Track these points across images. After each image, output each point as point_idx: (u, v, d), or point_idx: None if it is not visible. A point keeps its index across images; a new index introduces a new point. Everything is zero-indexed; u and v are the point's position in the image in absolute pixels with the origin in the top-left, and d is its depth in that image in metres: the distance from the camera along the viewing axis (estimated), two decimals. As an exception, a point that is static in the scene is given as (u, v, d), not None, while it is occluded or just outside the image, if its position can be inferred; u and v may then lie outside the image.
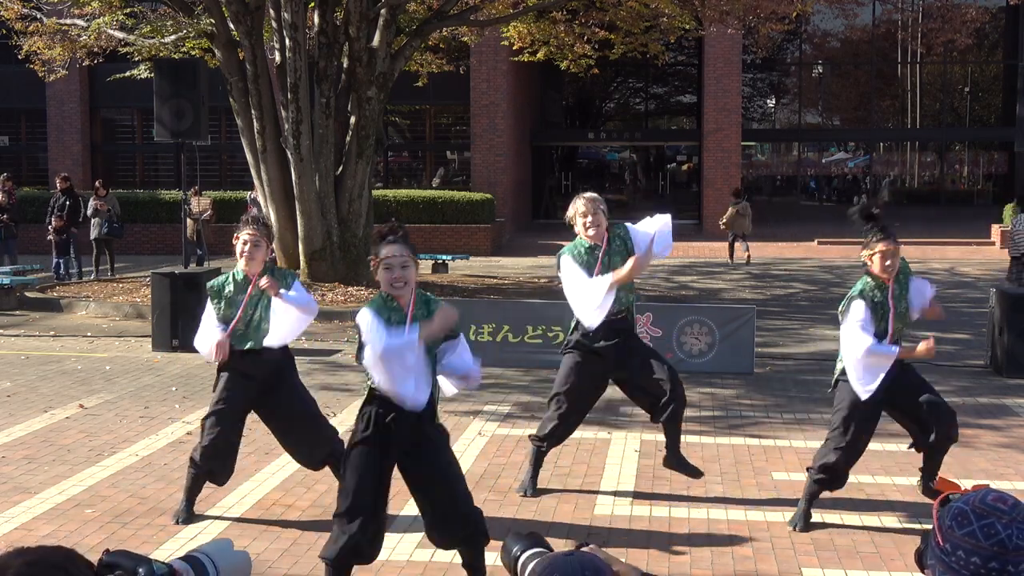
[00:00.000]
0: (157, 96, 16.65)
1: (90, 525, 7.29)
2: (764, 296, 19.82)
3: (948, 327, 16.06)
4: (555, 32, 22.12)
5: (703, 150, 35.22)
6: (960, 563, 2.34)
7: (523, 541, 2.79)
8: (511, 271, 23.14)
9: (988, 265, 25.41)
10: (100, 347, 14.43)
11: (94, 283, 20.29)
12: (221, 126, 32.23)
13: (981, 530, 2.32)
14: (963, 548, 2.34)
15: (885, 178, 41.39)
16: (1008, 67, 38.91)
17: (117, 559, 2.35)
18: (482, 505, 7.72)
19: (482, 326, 13.14)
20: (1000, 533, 2.31)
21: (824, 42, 41.45)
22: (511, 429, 9.94)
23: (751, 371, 12.63)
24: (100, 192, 22.33)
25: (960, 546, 2.34)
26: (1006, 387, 11.89)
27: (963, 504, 2.38)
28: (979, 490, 2.41)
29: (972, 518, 2.34)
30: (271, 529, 7.28)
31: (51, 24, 21.42)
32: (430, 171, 36.87)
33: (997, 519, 2.32)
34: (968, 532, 2.33)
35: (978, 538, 2.32)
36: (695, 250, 28.93)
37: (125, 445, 9.36)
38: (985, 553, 2.31)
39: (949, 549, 2.36)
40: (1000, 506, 2.34)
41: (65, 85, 31.74)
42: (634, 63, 34.36)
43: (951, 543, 2.36)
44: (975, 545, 2.32)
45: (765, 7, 19.82)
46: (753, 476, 8.52)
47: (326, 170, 18.47)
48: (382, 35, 18.63)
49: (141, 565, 2.37)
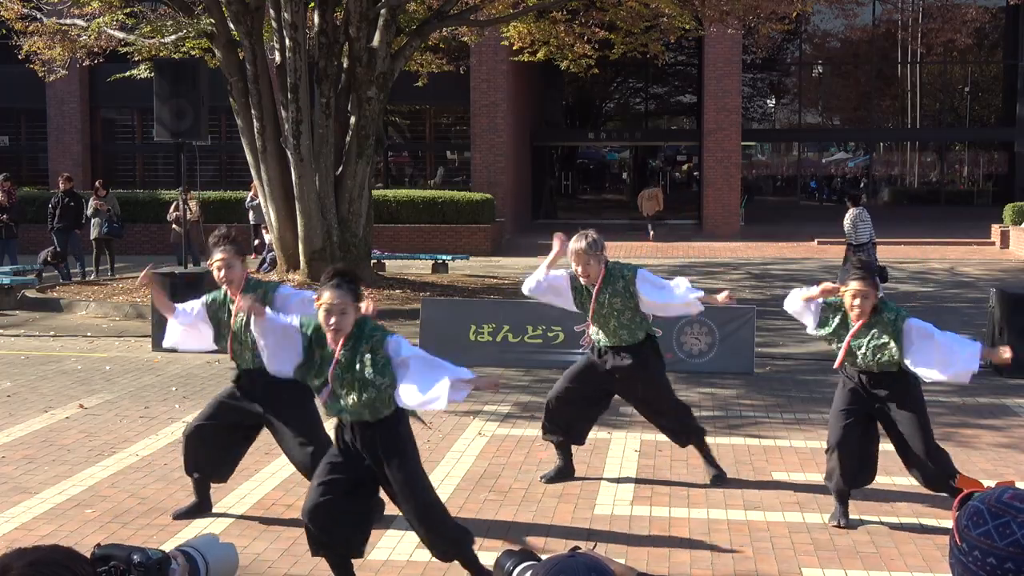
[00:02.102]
0: (157, 96, 16.64)
1: (90, 525, 7.29)
2: (764, 296, 19.82)
3: (948, 327, 16.04)
4: (555, 32, 22.11)
5: (703, 150, 35.22)
6: (977, 563, 2.29)
7: (515, 556, 2.80)
8: (511, 271, 23.14)
9: (988, 265, 25.40)
10: (100, 347, 14.43)
11: (94, 283, 20.29)
12: (221, 126, 32.24)
13: (996, 530, 2.27)
14: (979, 548, 2.28)
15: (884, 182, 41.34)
16: (1008, 67, 38.93)
17: (109, 551, 2.35)
18: (482, 505, 7.75)
19: (482, 326, 13.14)
20: (1016, 533, 2.25)
21: (824, 42, 41.47)
22: (511, 429, 9.94)
23: (751, 371, 12.63)
24: (100, 192, 22.34)
25: (976, 546, 2.29)
26: (1006, 387, 11.88)
27: (979, 503, 2.32)
28: (997, 488, 2.36)
29: (987, 517, 2.29)
30: (271, 529, 7.28)
31: (51, 24, 21.40)
32: (430, 171, 36.88)
33: (1013, 518, 2.27)
34: (983, 532, 2.28)
35: (993, 538, 2.27)
36: (695, 250, 28.94)
37: (125, 445, 9.36)
38: (1001, 554, 2.25)
39: (966, 549, 2.31)
40: (1017, 504, 2.28)
41: (65, 85, 31.74)
42: (634, 63, 34.37)
43: (968, 543, 2.31)
44: (991, 545, 2.27)
45: (765, 7, 19.80)
46: (753, 476, 8.52)
47: (326, 170, 18.46)
48: (382, 35, 18.62)
49: (135, 552, 2.37)
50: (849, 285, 7.06)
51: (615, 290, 7.85)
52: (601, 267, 7.87)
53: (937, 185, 41.00)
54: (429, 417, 7.42)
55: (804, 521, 7.45)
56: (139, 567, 2.35)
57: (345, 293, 5.78)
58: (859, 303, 7.03)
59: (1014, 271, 23.90)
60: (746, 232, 33.04)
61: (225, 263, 7.25)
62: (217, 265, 7.26)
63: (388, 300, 17.41)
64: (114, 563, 2.33)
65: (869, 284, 7.02)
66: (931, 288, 21.45)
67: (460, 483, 8.27)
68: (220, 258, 7.26)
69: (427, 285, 20.09)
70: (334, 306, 5.78)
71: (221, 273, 7.27)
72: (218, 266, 7.26)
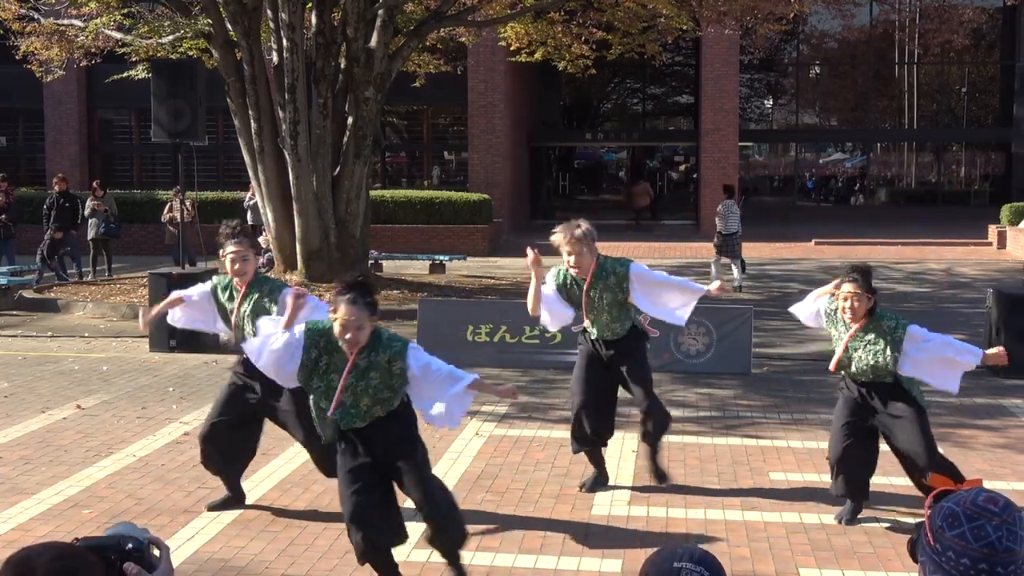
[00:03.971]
0: (154, 96, 16.61)
1: (87, 526, 7.29)
2: (761, 296, 19.83)
3: (945, 327, 16.05)
4: (553, 32, 22.11)
5: (700, 150, 35.24)
6: (950, 563, 2.33)
7: None
8: (508, 271, 23.14)
9: (985, 265, 25.41)
10: (97, 347, 14.42)
11: (91, 284, 20.28)
12: (218, 126, 32.22)
13: (971, 532, 2.31)
14: (953, 549, 2.33)
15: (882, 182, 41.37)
16: (1005, 67, 38.96)
17: (97, 543, 2.34)
18: (479, 505, 7.75)
19: (479, 327, 13.14)
20: (990, 535, 2.30)
21: (821, 43, 41.50)
22: (508, 430, 9.94)
23: (748, 371, 12.63)
24: (98, 192, 22.32)
25: (950, 547, 2.33)
26: (1003, 388, 11.89)
27: (954, 505, 2.36)
28: (971, 490, 2.40)
29: (963, 519, 2.33)
30: (269, 529, 7.28)
31: (48, 24, 21.38)
32: (427, 172, 36.88)
33: (987, 521, 2.31)
34: (958, 534, 2.32)
35: (968, 540, 2.31)
36: (692, 250, 28.94)
37: (122, 446, 9.36)
38: (974, 555, 2.30)
39: (940, 549, 2.35)
40: (991, 507, 2.33)
41: (62, 85, 31.72)
42: (632, 64, 34.38)
43: (941, 543, 2.35)
44: (965, 547, 2.31)
45: (763, 8, 19.80)
46: (750, 476, 8.52)
47: (323, 170, 18.45)
48: (379, 35, 18.62)
49: (121, 539, 2.37)
50: (842, 288, 7.12)
51: (606, 285, 7.79)
52: (593, 260, 7.77)
53: (934, 185, 41.02)
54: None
55: (801, 521, 7.46)
56: (136, 552, 2.35)
57: (361, 309, 5.76)
58: (851, 305, 7.08)
59: (1011, 271, 23.91)
60: (743, 233, 32.97)
61: (240, 256, 7.34)
62: (231, 257, 7.34)
63: (386, 301, 17.40)
64: (110, 554, 2.32)
65: (861, 287, 7.06)
66: (928, 288, 21.46)
67: (458, 483, 8.27)
68: (234, 250, 7.34)
69: (424, 285, 20.09)
70: (350, 322, 5.76)
71: (235, 266, 7.35)
72: (232, 258, 7.34)
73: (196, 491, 8.07)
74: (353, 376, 5.86)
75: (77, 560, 2.20)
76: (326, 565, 6.63)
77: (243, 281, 7.38)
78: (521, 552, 6.85)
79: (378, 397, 5.92)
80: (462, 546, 6.30)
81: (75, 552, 2.22)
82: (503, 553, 6.84)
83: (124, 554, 2.33)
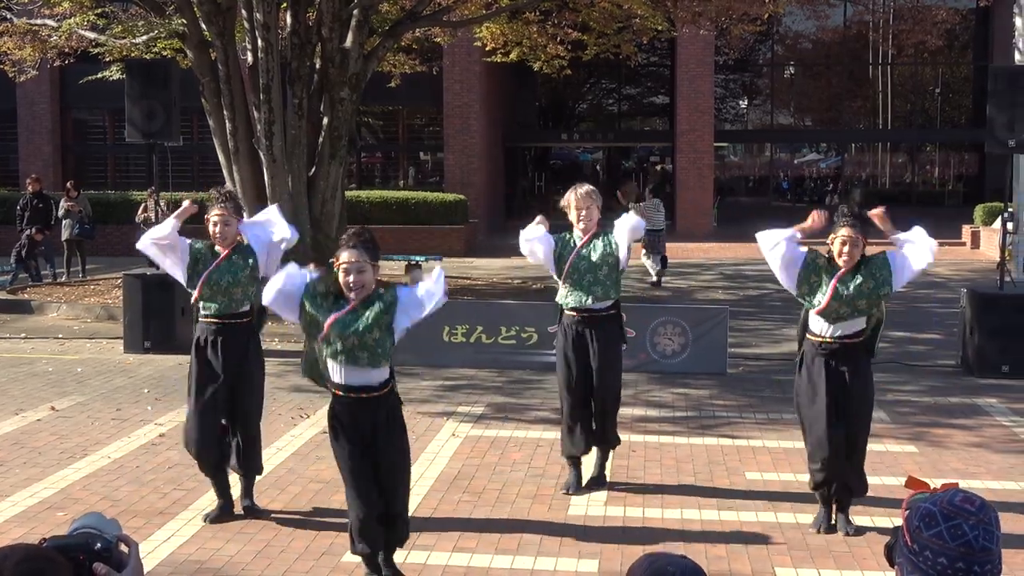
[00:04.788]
0: (128, 97, 16.51)
1: (62, 528, 7.19)
2: (737, 297, 19.89)
3: (919, 327, 16.16)
4: (528, 33, 22.11)
5: (676, 151, 35.30)
6: (927, 563, 2.36)
7: None
8: (484, 272, 23.12)
9: (959, 265, 25.54)
10: (71, 349, 14.35)
11: (65, 285, 20.17)
12: (193, 127, 32.07)
13: (948, 531, 2.34)
14: (930, 548, 2.36)
15: (856, 183, 41.51)
16: (978, 68, 39.14)
17: (63, 542, 2.32)
18: (456, 506, 7.75)
19: (456, 327, 13.13)
20: (967, 535, 2.33)
21: (796, 43, 41.64)
22: (484, 430, 9.94)
23: (724, 371, 12.67)
24: (71, 193, 22.20)
25: (927, 546, 2.36)
26: (977, 387, 11.96)
27: (931, 505, 2.39)
28: (947, 490, 2.43)
29: (940, 519, 2.36)
30: (245, 531, 7.26)
31: (21, 24, 21.25)
32: (403, 172, 36.84)
33: (964, 520, 2.34)
34: (935, 533, 2.35)
35: (945, 539, 2.34)
36: (668, 251, 28.92)
37: (97, 447, 9.31)
38: (952, 554, 2.33)
39: (917, 549, 2.38)
40: (967, 507, 2.36)
41: (36, 86, 31.51)
42: (607, 64, 34.33)
43: (919, 543, 2.38)
44: (942, 546, 2.34)
45: (737, 8, 19.85)
46: (727, 476, 8.55)
47: (299, 171, 18.40)
48: (355, 36, 18.58)
49: (89, 538, 2.35)
50: (839, 232, 7.07)
51: (599, 241, 8.02)
52: (595, 222, 8.06)
53: (908, 186, 41.21)
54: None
55: (777, 521, 7.48)
56: (104, 551, 2.33)
57: (361, 252, 5.91)
58: (848, 249, 7.05)
59: (984, 271, 24.02)
60: (719, 233, 33.11)
61: (223, 220, 7.46)
62: (215, 220, 7.44)
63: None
64: (78, 554, 2.30)
65: (859, 232, 7.03)
66: (902, 288, 21.48)
67: (434, 484, 8.27)
68: (218, 214, 7.45)
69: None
70: (352, 264, 5.90)
71: (217, 229, 7.44)
72: (215, 221, 7.44)
73: (171, 493, 8.04)
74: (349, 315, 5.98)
75: (44, 561, 2.19)
76: (302, 567, 6.62)
77: (224, 245, 7.42)
78: (498, 552, 6.85)
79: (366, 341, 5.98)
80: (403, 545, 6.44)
81: (42, 553, 2.21)
82: (480, 554, 6.84)
83: (93, 554, 2.31)
